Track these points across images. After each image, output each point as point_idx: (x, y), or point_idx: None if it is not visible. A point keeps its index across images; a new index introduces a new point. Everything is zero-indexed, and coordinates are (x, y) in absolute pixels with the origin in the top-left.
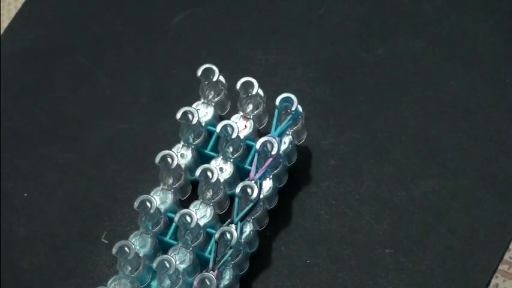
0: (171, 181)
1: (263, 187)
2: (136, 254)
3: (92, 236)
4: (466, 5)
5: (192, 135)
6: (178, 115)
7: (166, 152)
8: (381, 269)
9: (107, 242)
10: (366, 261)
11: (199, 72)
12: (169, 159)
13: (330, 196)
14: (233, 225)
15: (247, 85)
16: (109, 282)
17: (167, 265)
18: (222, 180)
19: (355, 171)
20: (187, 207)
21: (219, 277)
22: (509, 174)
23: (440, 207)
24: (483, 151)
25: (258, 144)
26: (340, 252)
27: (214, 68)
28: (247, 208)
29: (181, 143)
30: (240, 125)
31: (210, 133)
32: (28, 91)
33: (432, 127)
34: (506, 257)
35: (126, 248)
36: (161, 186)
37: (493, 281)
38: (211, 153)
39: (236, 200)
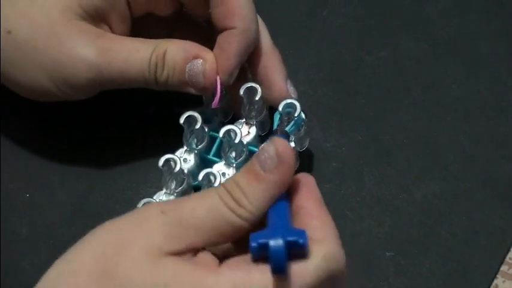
0: (173, 185)
1: None
2: None
3: None
4: (468, 8)
5: (195, 140)
6: (182, 120)
7: (169, 155)
8: (381, 271)
9: None
10: (366, 264)
11: None
12: (172, 163)
13: (331, 198)
14: None
15: (251, 91)
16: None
17: None
18: None
19: (357, 174)
20: None
21: None
22: (510, 177)
23: (442, 210)
24: (485, 154)
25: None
26: None
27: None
28: None
29: (184, 147)
30: (243, 131)
31: (213, 138)
32: None
33: (434, 130)
34: (506, 257)
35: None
36: (164, 191)
37: (493, 282)
38: (214, 158)
39: None
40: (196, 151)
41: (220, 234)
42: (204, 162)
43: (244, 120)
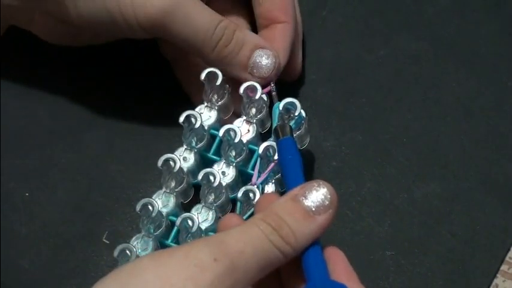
0: (173, 184)
1: (265, 192)
2: (138, 256)
3: (93, 236)
4: (468, 7)
5: (195, 138)
6: (181, 118)
7: (168, 155)
8: (381, 271)
9: (108, 242)
10: (366, 263)
11: (202, 76)
12: (171, 163)
13: None
14: None
15: (250, 89)
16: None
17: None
18: (224, 184)
19: (357, 173)
20: (189, 210)
21: None
22: (510, 177)
23: (442, 209)
24: (485, 154)
25: (260, 149)
26: None
27: (218, 71)
28: (249, 212)
29: (184, 146)
30: (243, 129)
31: (213, 137)
32: (28, 91)
33: (434, 129)
34: (506, 257)
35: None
36: (163, 190)
37: (493, 281)
38: (214, 157)
39: (238, 204)
40: (196, 150)
41: (263, 270)
42: (204, 161)
43: (244, 118)
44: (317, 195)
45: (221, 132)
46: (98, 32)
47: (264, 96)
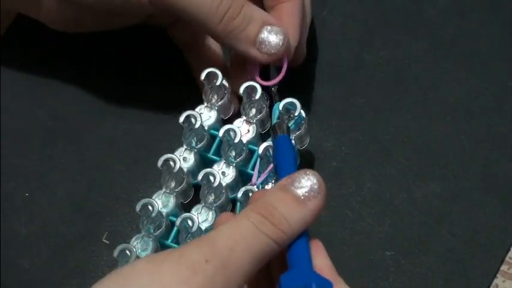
0: (173, 185)
1: None
2: (138, 257)
3: (93, 236)
4: (469, 7)
5: (195, 139)
6: (181, 119)
7: (168, 155)
8: (381, 271)
9: (108, 242)
10: (366, 263)
11: (202, 76)
12: (171, 163)
13: (331, 198)
14: None
15: (250, 90)
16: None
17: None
18: (224, 184)
19: (357, 173)
20: (189, 210)
21: None
22: (510, 177)
23: (442, 209)
24: (485, 154)
25: (260, 149)
26: (341, 254)
27: (218, 72)
28: None
29: (184, 146)
30: (243, 130)
31: (213, 137)
32: (28, 91)
33: (434, 129)
34: (506, 257)
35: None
36: (163, 190)
37: (493, 281)
38: (214, 157)
39: (238, 204)
40: (196, 150)
41: (258, 263)
42: (204, 161)
43: (244, 118)
44: (305, 182)
45: (221, 133)
46: (105, 10)
47: (264, 96)
